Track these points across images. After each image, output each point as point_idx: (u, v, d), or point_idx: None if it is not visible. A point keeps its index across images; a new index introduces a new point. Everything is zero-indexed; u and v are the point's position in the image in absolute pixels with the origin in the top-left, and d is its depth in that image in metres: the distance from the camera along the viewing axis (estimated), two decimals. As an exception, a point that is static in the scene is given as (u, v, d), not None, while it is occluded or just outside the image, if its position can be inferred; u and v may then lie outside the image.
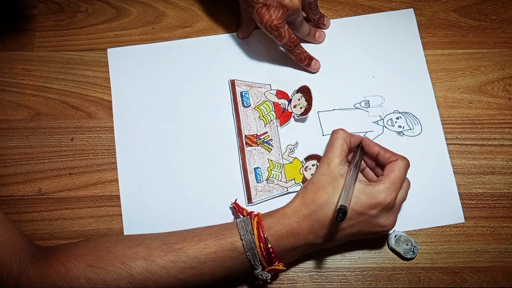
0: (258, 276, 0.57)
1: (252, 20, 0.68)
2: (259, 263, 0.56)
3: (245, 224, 0.56)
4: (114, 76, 0.70)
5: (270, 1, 0.62)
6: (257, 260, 0.55)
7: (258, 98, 0.69)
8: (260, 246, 0.55)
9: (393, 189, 0.56)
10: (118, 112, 0.68)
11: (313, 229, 0.56)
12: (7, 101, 0.69)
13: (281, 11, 0.62)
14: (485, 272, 0.63)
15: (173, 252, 0.55)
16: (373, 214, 0.56)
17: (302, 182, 0.65)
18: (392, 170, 0.57)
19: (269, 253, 0.55)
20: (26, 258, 0.54)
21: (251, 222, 0.57)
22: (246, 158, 0.66)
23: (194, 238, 0.56)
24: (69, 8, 0.73)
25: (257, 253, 0.55)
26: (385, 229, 0.57)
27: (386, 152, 0.60)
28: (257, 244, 0.55)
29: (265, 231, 0.56)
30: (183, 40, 0.72)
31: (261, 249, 0.55)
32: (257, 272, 0.56)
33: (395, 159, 0.58)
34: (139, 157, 0.67)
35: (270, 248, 0.55)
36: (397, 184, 0.57)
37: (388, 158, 0.59)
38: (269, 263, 0.56)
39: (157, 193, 0.65)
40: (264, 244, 0.55)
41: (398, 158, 0.59)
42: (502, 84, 0.70)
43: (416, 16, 0.72)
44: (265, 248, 0.55)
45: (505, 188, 0.65)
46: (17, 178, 0.66)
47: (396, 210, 0.58)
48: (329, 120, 0.68)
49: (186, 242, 0.55)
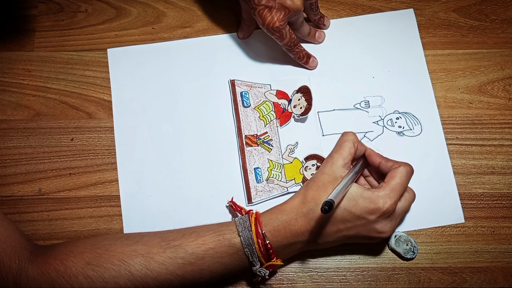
0: (257, 273, 0.57)
1: (252, 21, 0.68)
2: (257, 259, 0.56)
3: (243, 221, 0.57)
4: (114, 76, 0.70)
5: (272, 3, 0.62)
6: (255, 256, 0.56)
7: (258, 98, 0.69)
8: (258, 242, 0.55)
9: (393, 195, 0.56)
10: (118, 112, 0.68)
11: (310, 227, 0.56)
12: (7, 101, 0.69)
13: (283, 13, 0.62)
14: (485, 272, 0.63)
15: (172, 248, 0.55)
16: (371, 219, 0.56)
17: (302, 182, 0.65)
18: (393, 176, 0.57)
19: (267, 249, 0.56)
20: (25, 257, 0.54)
21: (249, 218, 0.57)
22: (246, 158, 0.66)
23: (192, 234, 0.56)
24: (69, 8, 0.73)
25: (255, 249, 0.55)
26: (381, 236, 0.57)
27: (388, 161, 0.60)
28: (255, 240, 0.55)
29: (263, 227, 0.56)
30: (183, 40, 0.72)
31: (259, 245, 0.55)
32: (255, 269, 0.56)
33: (397, 166, 0.58)
34: (139, 157, 0.67)
35: (268, 244, 0.55)
36: (398, 191, 0.56)
37: (390, 166, 0.59)
38: (267, 259, 0.56)
39: (157, 193, 0.65)
40: (262, 240, 0.55)
41: (400, 165, 0.58)
42: (502, 84, 0.70)
43: (416, 16, 0.72)
44: (263, 244, 0.55)
45: (505, 188, 0.65)
46: (17, 178, 0.66)
47: (396, 218, 0.57)
48: (329, 120, 0.68)
49: (184, 239, 0.55)
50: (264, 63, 0.71)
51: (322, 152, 0.66)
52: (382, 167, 0.60)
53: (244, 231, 0.55)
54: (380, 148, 0.66)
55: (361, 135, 0.67)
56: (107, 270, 0.53)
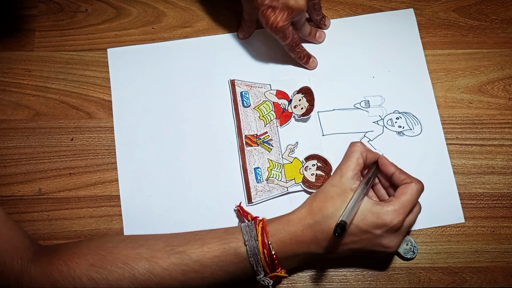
0: (260, 282, 0.56)
1: (253, 22, 0.68)
2: (261, 269, 0.55)
3: (249, 229, 0.56)
4: (114, 76, 0.70)
5: (275, 3, 0.61)
6: (260, 266, 0.55)
7: (258, 98, 0.69)
8: (264, 252, 0.55)
9: (402, 212, 0.55)
10: (118, 112, 0.68)
11: (316, 239, 0.56)
12: (7, 101, 0.69)
13: (286, 13, 0.62)
14: (485, 272, 0.63)
15: (176, 254, 0.55)
16: (377, 234, 0.55)
17: (302, 182, 0.65)
18: (404, 192, 0.56)
19: (272, 260, 0.55)
20: (28, 257, 0.54)
21: (255, 227, 0.56)
22: (246, 158, 0.66)
23: (198, 241, 0.56)
24: (69, 8, 0.73)
25: (260, 259, 0.55)
26: (387, 250, 0.56)
27: (401, 173, 0.59)
28: (261, 250, 0.55)
29: (269, 237, 0.56)
30: (183, 40, 0.72)
31: (264, 255, 0.55)
32: (259, 278, 0.56)
33: (410, 181, 0.57)
34: (139, 157, 0.67)
35: (273, 254, 0.55)
36: (407, 208, 0.56)
37: (403, 180, 0.58)
38: (271, 270, 0.56)
39: (157, 193, 0.65)
40: (268, 250, 0.55)
41: (412, 181, 0.57)
42: (502, 84, 0.70)
43: (416, 16, 0.72)
44: (268, 254, 0.55)
45: (505, 188, 0.65)
46: (17, 178, 0.66)
47: (402, 233, 0.57)
48: (329, 120, 0.68)
49: (190, 245, 0.55)
50: (264, 63, 0.71)
51: (322, 152, 0.66)
52: (395, 179, 0.59)
53: (250, 241, 0.55)
54: (380, 148, 0.66)
55: (361, 134, 0.67)
56: (111, 273, 0.53)
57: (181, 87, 0.70)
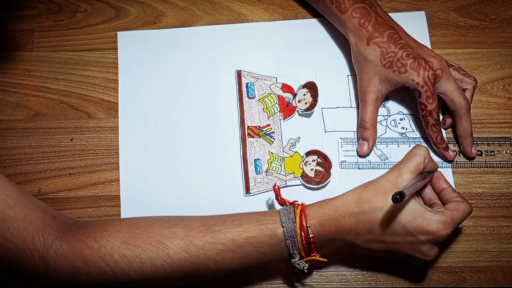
0: (295, 265, 0.56)
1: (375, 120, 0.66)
2: (297, 252, 0.55)
3: (287, 212, 0.55)
4: (122, 59, 0.70)
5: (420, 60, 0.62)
6: (296, 249, 0.55)
7: (263, 90, 0.69)
8: (301, 235, 0.54)
9: (450, 226, 0.55)
10: (124, 95, 0.69)
11: (357, 228, 0.55)
12: (7, 101, 0.69)
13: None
14: (485, 272, 0.63)
15: (212, 233, 0.54)
16: (421, 240, 0.54)
17: (301, 176, 0.65)
18: (457, 209, 0.56)
19: (309, 243, 0.55)
20: (52, 234, 0.54)
21: (294, 210, 0.56)
22: (247, 149, 0.66)
23: (234, 221, 0.55)
24: (68, 8, 0.73)
25: (297, 242, 0.54)
26: (424, 258, 0.56)
27: (454, 191, 0.59)
28: (298, 232, 0.54)
29: (308, 220, 0.55)
30: (192, 28, 0.72)
31: (301, 238, 0.54)
32: (294, 261, 0.55)
33: (463, 201, 0.57)
34: (141, 141, 0.67)
35: (311, 237, 0.54)
36: (455, 223, 0.55)
37: (454, 197, 0.58)
38: (307, 253, 0.55)
39: (156, 177, 0.66)
40: (306, 233, 0.54)
41: (465, 201, 0.57)
42: (501, 84, 0.70)
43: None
44: (305, 237, 0.54)
45: (505, 187, 0.65)
46: (17, 178, 0.66)
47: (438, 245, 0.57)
48: (332, 117, 0.68)
49: (226, 225, 0.55)
50: (272, 56, 0.70)
51: (323, 148, 0.66)
52: (446, 194, 0.59)
53: (288, 222, 0.54)
54: (380, 148, 0.66)
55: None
56: (144, 251, 0.53)
57: (187, 73, 0.70)
